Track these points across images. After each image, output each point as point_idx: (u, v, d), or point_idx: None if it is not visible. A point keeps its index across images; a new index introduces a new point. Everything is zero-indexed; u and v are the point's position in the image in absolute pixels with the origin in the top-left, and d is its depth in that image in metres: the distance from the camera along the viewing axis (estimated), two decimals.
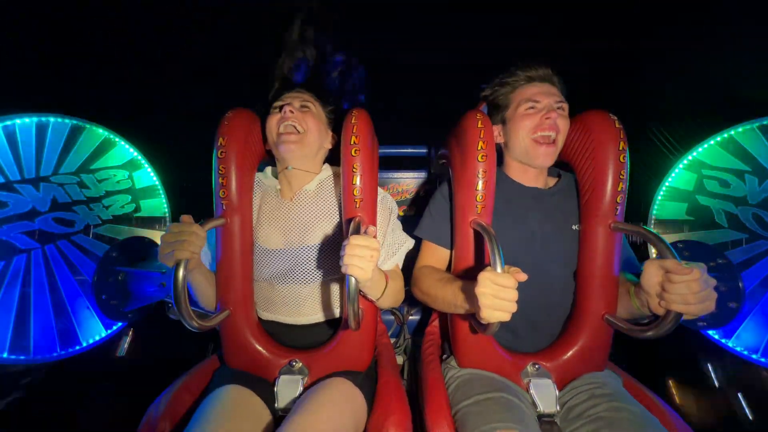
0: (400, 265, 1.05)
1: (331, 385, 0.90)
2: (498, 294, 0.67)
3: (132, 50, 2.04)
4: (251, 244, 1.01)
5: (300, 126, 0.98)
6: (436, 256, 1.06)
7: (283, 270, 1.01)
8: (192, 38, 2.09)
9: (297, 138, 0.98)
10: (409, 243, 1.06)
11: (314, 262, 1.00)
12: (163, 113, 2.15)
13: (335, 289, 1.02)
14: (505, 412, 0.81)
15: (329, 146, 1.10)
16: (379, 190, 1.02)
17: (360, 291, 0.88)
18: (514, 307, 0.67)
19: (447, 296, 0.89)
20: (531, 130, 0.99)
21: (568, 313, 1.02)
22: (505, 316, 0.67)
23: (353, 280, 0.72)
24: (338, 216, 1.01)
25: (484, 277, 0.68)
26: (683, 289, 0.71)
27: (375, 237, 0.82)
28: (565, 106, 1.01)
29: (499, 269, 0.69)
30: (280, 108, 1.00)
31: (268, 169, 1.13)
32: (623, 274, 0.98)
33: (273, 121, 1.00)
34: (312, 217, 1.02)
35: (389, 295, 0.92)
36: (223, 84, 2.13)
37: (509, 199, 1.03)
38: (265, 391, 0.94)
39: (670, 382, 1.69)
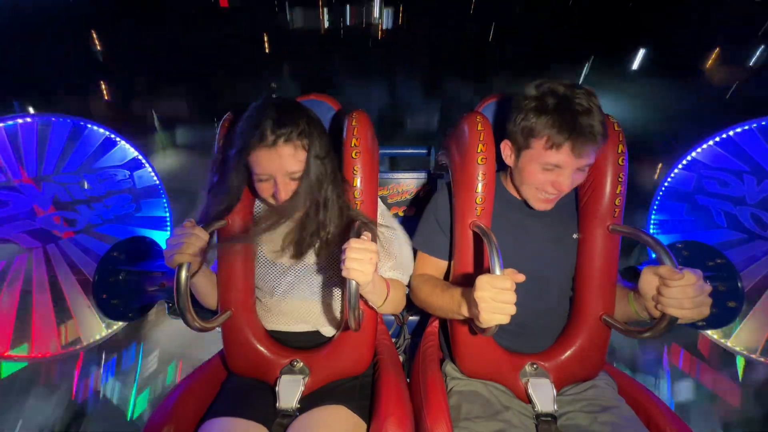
0: (405, 281, 1.05)
1: (329, 419, 0.89)
2: (497, 297, 0.67)
3: None
4: (252, 245, 1.02)
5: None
6: (430, 265, 1.06)
7: (290, 285, 1.02)
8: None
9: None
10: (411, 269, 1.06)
11: (321, 276, 1.01)
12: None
13: (340, 298, 1.03)
14: None
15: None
16: (380, 204, 1.03)
17: (362, 297, 0.89)
18: (513, 310, 0.68)
19: (445, 304, 0.89)
20: (540, 186, 0.89)
21: (565, 318, 1.03)
22: (505, 319, 0.68)
23: (354, 283, 0.73)
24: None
25: (483, 281, 0.69)
26: (678, 294, 0.72)
27: (372, 240, 0.83)
28: (591, 164, 0.87)
29: (498, 272, 0.69)
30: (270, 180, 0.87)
31: None
32: (619, 280, 0.98)
33: (263, 189, 0.89)
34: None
35: (390, 303, 0.93)
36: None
37: (507, 209, 1.02)
38: (266, 414, 0.93)
39: None
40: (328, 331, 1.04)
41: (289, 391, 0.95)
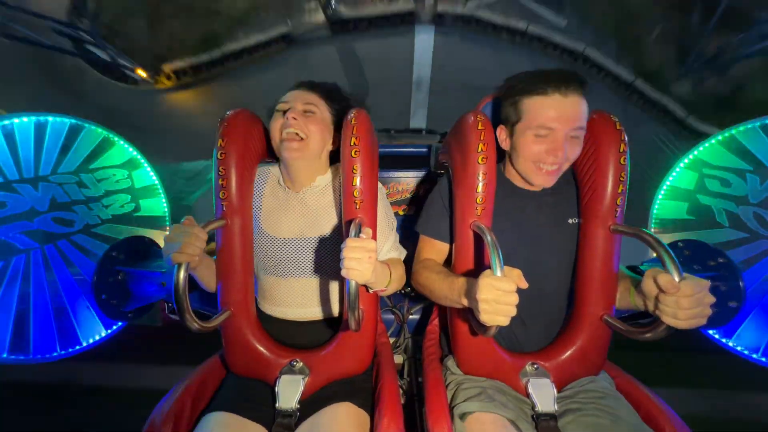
0: (402, 257, 1.07)
1: (337, 416, 0.91)
2: (499, 299, 0.67)
3: None
4: (251, 245, 1.02)
5: (302, 132, 0.97)
6: (434, 249, 1.07)
7: (289, 260, 1.02)
8: None
9: (299, 145, 0.96)
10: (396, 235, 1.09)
11: (321, 254, 1.02)
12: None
13: (339, 283, 1.03)
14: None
15: (333, 147, 1.06)
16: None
17: (367, 288, 0.90)
18: (513, 312, 0.68)
19: (443, 290, 0.91)
20: (536, 157, 0.91)
21: (563, 306, 1.03)
22: (505, 321, 0.68)
23: (353, 283, 0.73)
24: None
25: (486, 284, 0.68)
26: (673, 305, 0.72)
27: (372, 238, 0.83)
28: (584, 131, 0.90)
29: (498, 273, 0.69)
30: (284, 112, 0.98)
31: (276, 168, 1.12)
32: (622, 269, 0.98)
33: (276, 125, 0.98)
34: (321, 208, 1.03)
35: (393, 283, 0.95)
36: None
37: (505, 196, 1.01)
38: (265, 414, 0.94)
39: None
40: (326, 312, 1.04)
41: (289, 391, 0.95)
